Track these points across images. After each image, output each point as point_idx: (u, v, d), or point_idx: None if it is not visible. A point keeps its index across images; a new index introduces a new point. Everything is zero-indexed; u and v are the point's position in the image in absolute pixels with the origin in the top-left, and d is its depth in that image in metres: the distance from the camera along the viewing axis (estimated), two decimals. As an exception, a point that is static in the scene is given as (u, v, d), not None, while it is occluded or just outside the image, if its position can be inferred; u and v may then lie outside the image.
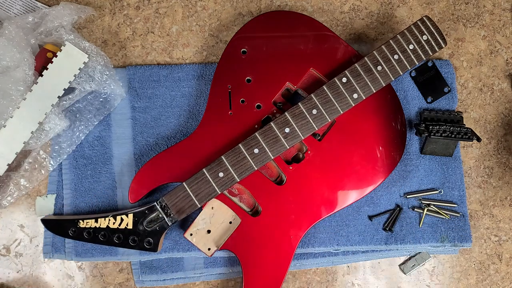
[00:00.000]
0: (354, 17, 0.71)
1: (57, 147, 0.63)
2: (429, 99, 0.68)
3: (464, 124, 0.67)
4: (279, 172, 0.61)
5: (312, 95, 0.58)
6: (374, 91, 0.59)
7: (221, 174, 0.57)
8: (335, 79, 0.59)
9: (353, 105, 0.59)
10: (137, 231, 0.57)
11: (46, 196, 0.63)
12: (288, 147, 0.58)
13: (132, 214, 0.57)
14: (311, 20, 0.64)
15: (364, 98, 0.59)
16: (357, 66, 0.59)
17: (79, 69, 0.62)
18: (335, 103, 0.59)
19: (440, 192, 0.66)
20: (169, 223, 0.57)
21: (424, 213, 0.65)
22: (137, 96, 0.65)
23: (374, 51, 0.59)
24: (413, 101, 0.68)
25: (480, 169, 0.69)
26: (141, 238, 0.57)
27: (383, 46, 0.60)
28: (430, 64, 0.68)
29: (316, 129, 0.59)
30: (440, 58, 0.71)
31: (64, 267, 0.63)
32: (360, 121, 0.62)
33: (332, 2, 0.71)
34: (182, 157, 0.59)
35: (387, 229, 0.64)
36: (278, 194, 0.60)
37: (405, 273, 0.66)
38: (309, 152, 0.61)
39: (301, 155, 0.62)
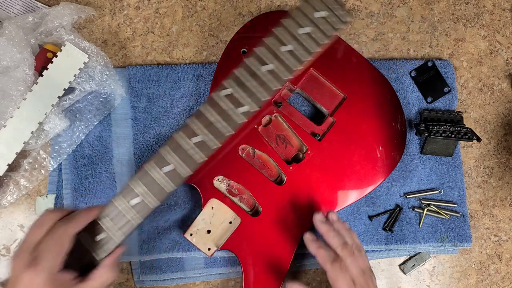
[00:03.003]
0: (354, 17, 0.71)
1: (57, 147, 0.63)
2: (429, 99, 0.68)
3: (464, 124, 0.67)
4: (279, 172, 0.61)
5: (189, 119, 0.46)
6: (268, 98, 0.46)
7: (136, 201, 0.45)
8: (213, 94, 0.46)
9: (245, 120, 0.47)
10: None
11: (46, 196, 0.63)
12: (175, 187, 0.46)
13: None
14: (311, 20, 0.64)
15: (257, 108, 0.46)
16: (238, 73, 0.46)
17: (79, 69, 0.62)
18: (221, 123, 0.45)
19: (440, 192, 0.66)
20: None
21: (424, 213, 0.65)
22: (137, 96, 0.65)
23: (255, 48, 0.46)
24: (413, 101, 0.68)
25: (480, 169, 0.69)
26: None
27: (265, 39, 0.46)
28: (430, 64, 0.68)
29: (205, 158, 0.45)
30: (440, 58, 0.71)
31: (64, 267, 0.63)
32: (360, 121, 0.63)
33: (332, 2, 0.71)
34: (182, 157, 0.59)
35: (387, 229, 0.64)
36: (278, 194, 0.60)
37: (405, 273, 0.66)
38: (309, 152, 0.61)
39: (301, 155, 0.62)
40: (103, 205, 0.45)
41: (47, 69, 0.61)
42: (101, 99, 0.64)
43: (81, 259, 0.44)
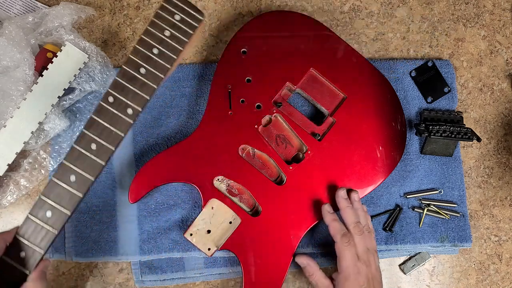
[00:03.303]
0: (354, 17, 0.71)
1: (57, 147, 0.63)
2: (429, 99, 0.68)
3: (464, 124, 0.67)
4: (279, 172, 0.61)
5: (83, 129, 0.48)
6: (149, 98, 0.50)
7: (49, 214, 0.48)
8: (100, 102, 0.49)
9: (132, 122, 0.49)
10: None
11: (46, 196, 0.63)
12: (81, 196, 0.47)
13: None
14: (311, 20, 0.64)
15: (140, 110, 0.49)
16: (118, 79, 0.49)
17: (79, 69, 0.62)
18: (112, 128, 0.49)
19: (440, 192, 0.66)
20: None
21: (424, 213, 0.65)
22: (137, 96, 0.65)
23: (129, 55, 0.50)
24: (413, 101, 0.68)
25: (480, 169, 0.69)
26: None
27: (136, 45, 0.51)
28: (430, 64, 0.69)
29: (103, 163, 0.48)
30: (440, 58, 0.71)
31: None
32: (360, 121, 0.63)
33: (332, 2, 0.71)
34: (182, 157, 0.59)
35: (387, 229, 0.64)
36: (278, 194, 0.60)
37: (405, 273, 0.66)
38: (309, 152, 0.61)
39: (301, 155, 0.62)
40: (18, 226, 0.48)
41: (47, 69, 0.61)
42: (101, 98, 0.64)
43: (10, 278, 0.47)
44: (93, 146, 0.48)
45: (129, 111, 0.49)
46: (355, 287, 0.55)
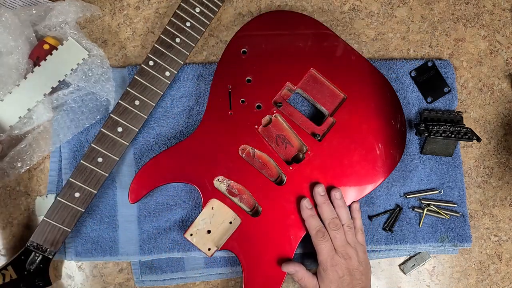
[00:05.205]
0: (354, 17, 0.71)
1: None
2: (429, 99, 0.68)
3: (464, 124, 0.67)
4: (279, 172, 0.61)
5: (127, 88, 0.59)
6: (182, 63, 0.61)
7: (77, 194, 0.57)
8: (142, 65, 0.60)
9: (169, 82, 0.61)
10: (22, 277, 0.56)
11: (46, 196, 0.63)
12: (128, 144, 0.59)
13: (10, 266, 0.56)
14: (311, 20, 0.64)
15: (176, 72, 0.61)
16: (157, 46, 0.61)
17: (77, 64, 0.62)
18: (152, 87, 0.60)
19: (440, 192, 0.66)
20: (50, 257, 0.57)
21: (424, 213, 0.65)
22: (137, 96, 0.66)
23: (166, 26, 0.61)
24: (413, 101, 0.68)
25: (480, 169, 0.69)
26: (30, 282, 0.56)
27: (172, 18, 0.62)
28: (430, 64, 0.69)
29: (146, 117, 0.60)
30: (440, 58, 0.71)
31: (64, 267, 0.63)
32: (360, 121, 0.63)
33: (332, 2, 0.71)
34: (182, 157, 0.59)
35: (387, 229, 0.65)
36: (278, 194, 0.60)
37: (405, 273, 0.66)
38: (309, 152, 0.61)
39: (301, 155, 0.62)
40: None
41: (45, 59, 0.61)
42: (97, 103, 0.63)
43: None
44: (137, 102, 0.59)
45: (167, 73, 0.60)
46: (334, 277, 0.56)
